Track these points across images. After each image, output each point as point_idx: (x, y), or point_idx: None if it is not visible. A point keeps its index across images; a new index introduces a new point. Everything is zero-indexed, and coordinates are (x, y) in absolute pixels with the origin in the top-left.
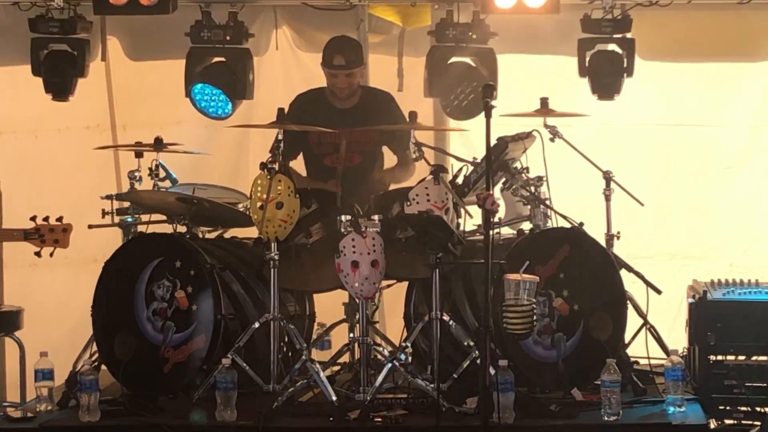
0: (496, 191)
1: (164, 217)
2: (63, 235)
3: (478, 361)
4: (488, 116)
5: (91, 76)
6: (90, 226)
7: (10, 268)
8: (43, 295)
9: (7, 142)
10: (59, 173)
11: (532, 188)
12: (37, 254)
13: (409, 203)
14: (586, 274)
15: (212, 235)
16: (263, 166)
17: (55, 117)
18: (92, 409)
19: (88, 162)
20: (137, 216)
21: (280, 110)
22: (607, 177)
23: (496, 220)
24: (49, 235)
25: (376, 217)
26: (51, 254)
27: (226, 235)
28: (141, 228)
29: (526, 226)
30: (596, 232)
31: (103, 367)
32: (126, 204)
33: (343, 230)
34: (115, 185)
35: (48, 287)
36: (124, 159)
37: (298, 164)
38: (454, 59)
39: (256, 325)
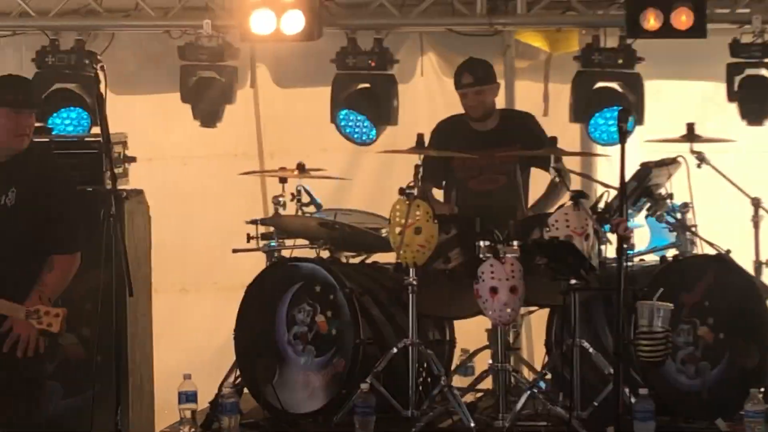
0: (640, 218)
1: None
2: (55, 319)
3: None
4: (623, 141)
5: (238, 104)
6: (234, 251)
7: (160, 293)
8: (192, 320)
9: (158, 168)
10: (207, 199)
11: (678, 215)
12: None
13: (548, 229)
14: (731, 302)
15: (356, 260)
16: (402, 191)
17: (204, 144)
18: None
19: (235, 188)
20: (281, 241)
21: (419, 136)
22: (756, 204)
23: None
24: (45, 317)
25: (515, 242)
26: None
27: (369, 260)
28: (285, 253)
29: (671, 253)
30: (745, 260)
31: (246, 390)
32: (271, 229)
33: (481, 256)
34: (262, 211)
35: (197, 312)
36: (270, 185)
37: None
38: (600, 84)
39: (395, 350)
